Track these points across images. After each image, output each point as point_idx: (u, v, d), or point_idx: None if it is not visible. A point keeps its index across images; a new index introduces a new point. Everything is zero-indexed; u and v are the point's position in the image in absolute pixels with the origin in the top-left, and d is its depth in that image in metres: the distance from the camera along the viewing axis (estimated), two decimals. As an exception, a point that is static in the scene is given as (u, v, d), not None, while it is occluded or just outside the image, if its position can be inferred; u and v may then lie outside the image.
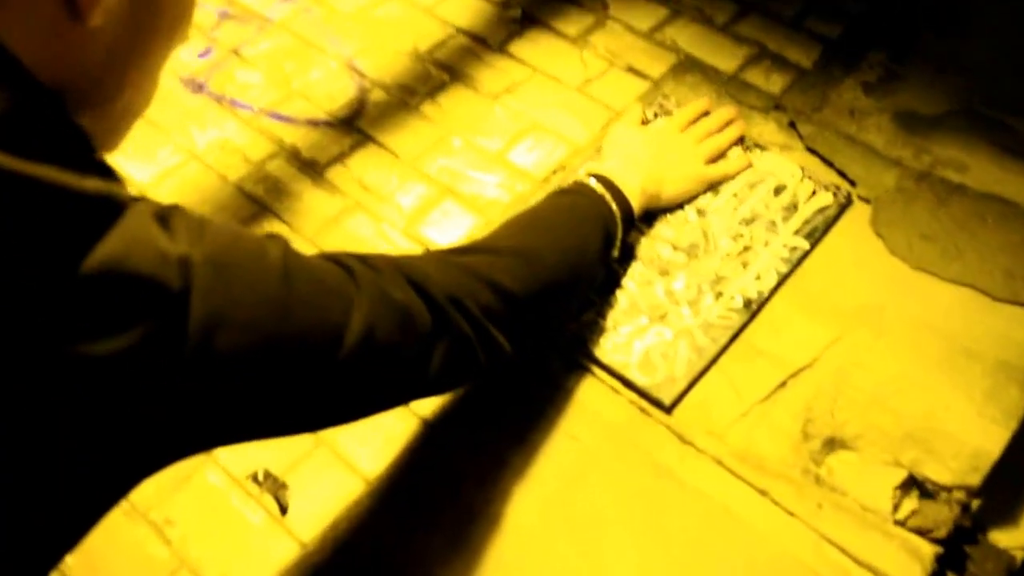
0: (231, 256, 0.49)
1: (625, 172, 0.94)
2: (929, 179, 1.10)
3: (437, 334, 0.63)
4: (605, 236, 0.87)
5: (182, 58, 1.26)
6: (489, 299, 0.69)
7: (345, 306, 0.56)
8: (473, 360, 0.68)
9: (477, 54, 1.26)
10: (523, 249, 0.76)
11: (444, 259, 0.71)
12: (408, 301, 0.62)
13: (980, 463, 0.87)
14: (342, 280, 0.58)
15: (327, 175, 1.10)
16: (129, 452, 0.46)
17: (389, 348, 0.59)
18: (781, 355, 0.94)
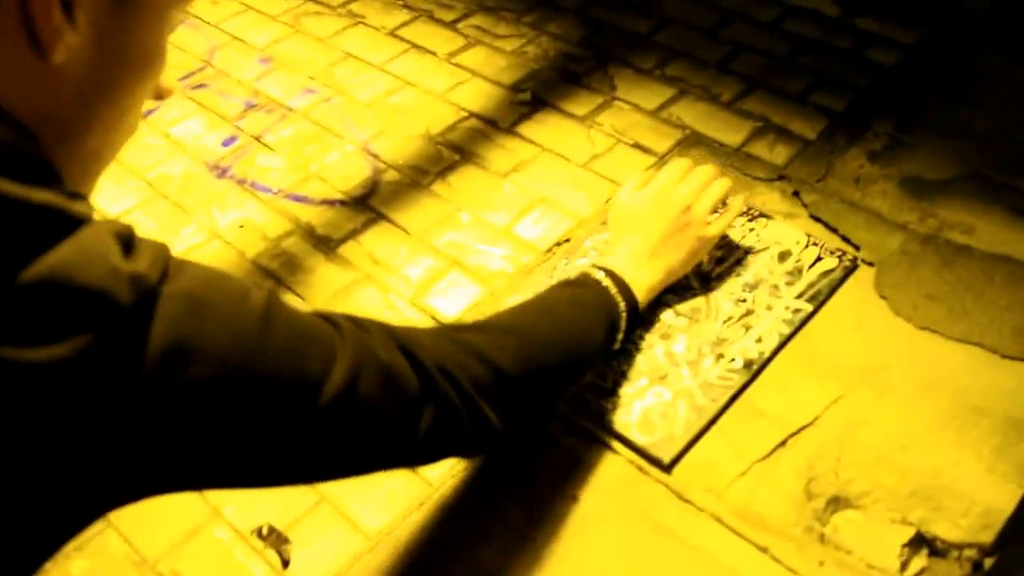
0: (208, 293, 0.49)
1: (633, 267, 0.96)
2: (935, 241, 1.13)
3: (424, 398, 0.63)
4: (608, 330, 0.89)
5: (208, 145, 1.37)
6: (480, 373, 0.69)
7: (327, 357, 0.56)
8: (461, 430, 0.68)
9: (487, 135, 1.34)
10: (519, 329, 0.78)
11: (438, 332, 0.72)
12: (395, 363, 0.62)
13: (992, 520, 0.87)
14: (327, 333, 0.58)
15: (339, 250, 1.17)
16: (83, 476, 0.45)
17: (372, 406, 0.59)
18: (782, 415, 0.96)
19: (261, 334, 0.51)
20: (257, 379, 0.51)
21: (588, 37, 1.53)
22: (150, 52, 0.51)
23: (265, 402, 0.52)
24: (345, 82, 1.47)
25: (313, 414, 0.55)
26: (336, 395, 0.55)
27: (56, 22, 0.44)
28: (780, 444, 0.94)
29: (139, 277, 0.44)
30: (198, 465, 0.51)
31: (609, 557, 0.85)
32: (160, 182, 1.31)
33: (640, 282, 0.95)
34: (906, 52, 1.46)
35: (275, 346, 0.52)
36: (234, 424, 0.51)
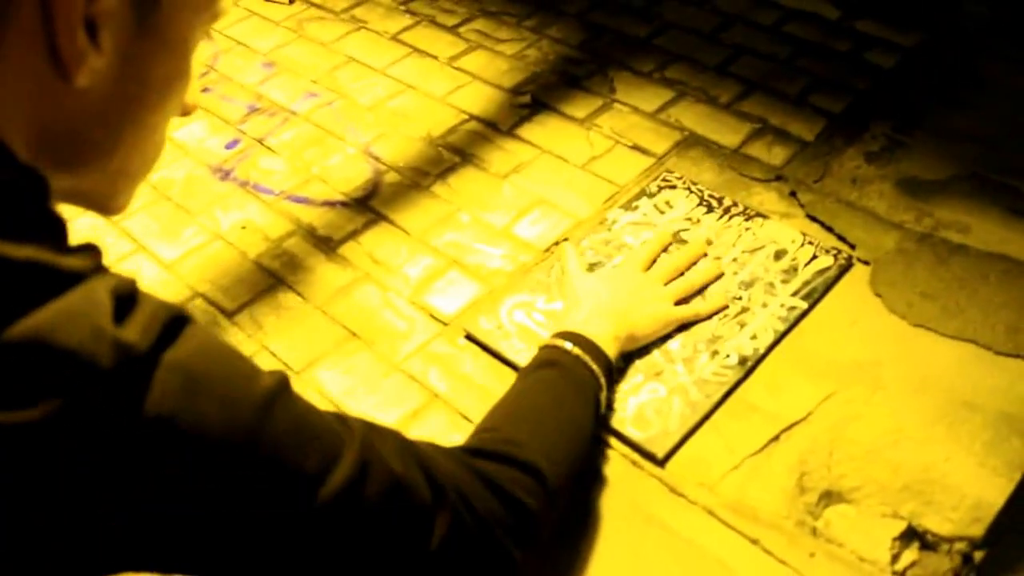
0: (210, 369, 0.48)
1: (594, 323, 0.94)
2: (930, 240, 1.15)
3: (436, 511, 0.61)
4: (594, 402, 0.88)
5: (211, 148, 1.40)
6: (498, 509, 0.67)
7: (329, 456, 0.54)
8: (476, 554, 0.65)
9: (487, 137, 1.37)
10: (535, 461, 0.73)
11: (452, 455, 0.68)
12: (407, 474, 0.60)
13: (982, 514, 0.89)
14: (334, 432, 0.56)
15: (340, 250, 1.20)
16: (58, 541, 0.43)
17: (377, 512, 0.57)
18: (775, 411, 0.98)
19: (259, 422, 0.50)
20: (247, 469, 0.49)
21: (588, 41, 1.56)
22: (174, 72, 0.51)
23: (254, 495, 0.50)
24: (347, 86, 1.51)
25: (307, 513, 0.52)
26: (335, 496, 0.53)
27: (80, 45, 0.44)
28: (773, 439, 0.96)
29: (125, 343, 0.43)
30: (180, 548, 0.49)
31: (601, 549, 0.88)
32: (164, 185, 1.34)
33: (605, 336, 0.93)
34: (904, 55, 1.48)
35: (272, 437, 0.50)
36: (217, 513, 0.49)
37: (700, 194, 1.23)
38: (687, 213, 1.20)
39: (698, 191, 1.23)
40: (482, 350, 1.05)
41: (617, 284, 1.03)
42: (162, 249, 1.24)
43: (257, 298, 1.15)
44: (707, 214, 1.20)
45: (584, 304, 0.98)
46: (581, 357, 0.89)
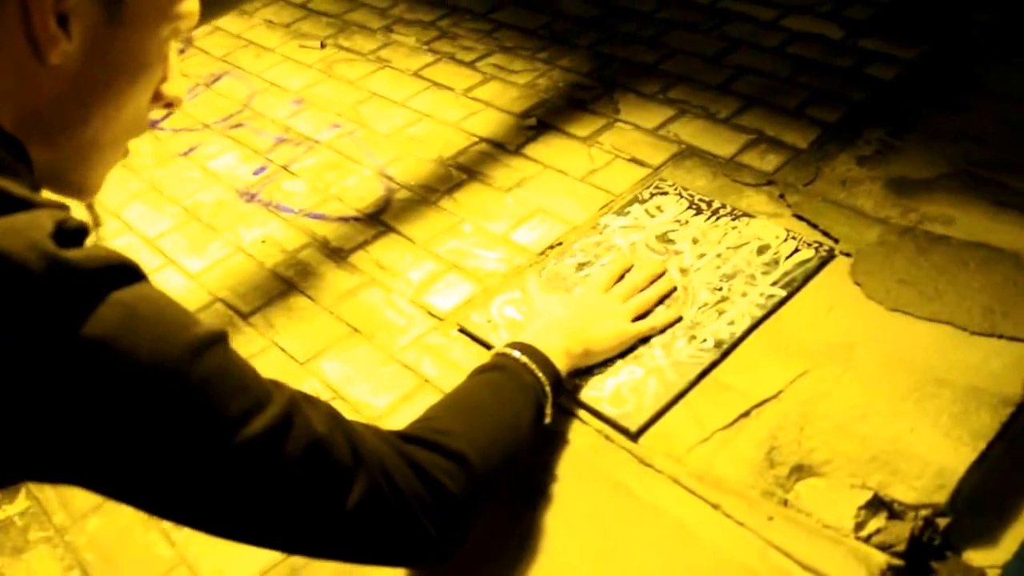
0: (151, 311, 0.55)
1: (546, 336, 0.98)
2: (912, 232, 1.20)
3: (354, 475, 0.65)
4: (536, 407, 0.90)
5: (240, 175, 1.53)
6: (419, 489, 0.70)
7: (253, 406, 0.59)
8: (394, 524, 0.68)
9: (495, 157, 1.47)
10: (463, 450, 0.76)
11: (383, 436, 0.72)
12: (330, 437, 0.64)
13: (945, 481, 0.92)
14: (264, 388, 0.61)
15: (349, 259, 1.31)
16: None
17: (293, 467, 0.61)
18: (747, 390, 1.03)
19: (189, 361, 0.55)
20: (170, 400, 0.54)
21: (597, 69, 1.66)
22: (141, 60, 0.60)
23: (174, 426, 0.55)
24: (368, 117, 1.63)
25: (223, 452, 0.57)
26: (250, 442, 0.58)
27: (52, 31, 0.54)
28: (743, 415, 1.01)
29: (61, 258, 0.50)
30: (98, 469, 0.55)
31: (569, 513, 0.94)
32: (194, 208, 1.48)
33: (556, 349, 0.97)
34: (905, 67, 1.54)
35: (199, 375, 0.56)
36: (137, 439, 0.54)
37: (690, 199, 1.30)
38: (676, 216, 1.27)
39: (688, 196, 1.30)
40: (472, 340, 1.13)
41: (574, 303, 1.10)
42: (189, 262, 1.36)
43: (271, 302, 1.26)
44: (695, 216, 1.27)
45: (539, 320, 1.06)
46: (528, 365, 0.93)
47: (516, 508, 0.94)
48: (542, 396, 0.92)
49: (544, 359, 0.95)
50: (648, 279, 1.15)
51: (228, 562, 0.93)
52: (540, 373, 0.93)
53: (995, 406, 0.97)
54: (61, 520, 1.01)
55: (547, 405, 0.93)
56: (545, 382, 0.93)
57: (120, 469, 0.55)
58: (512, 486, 0.95)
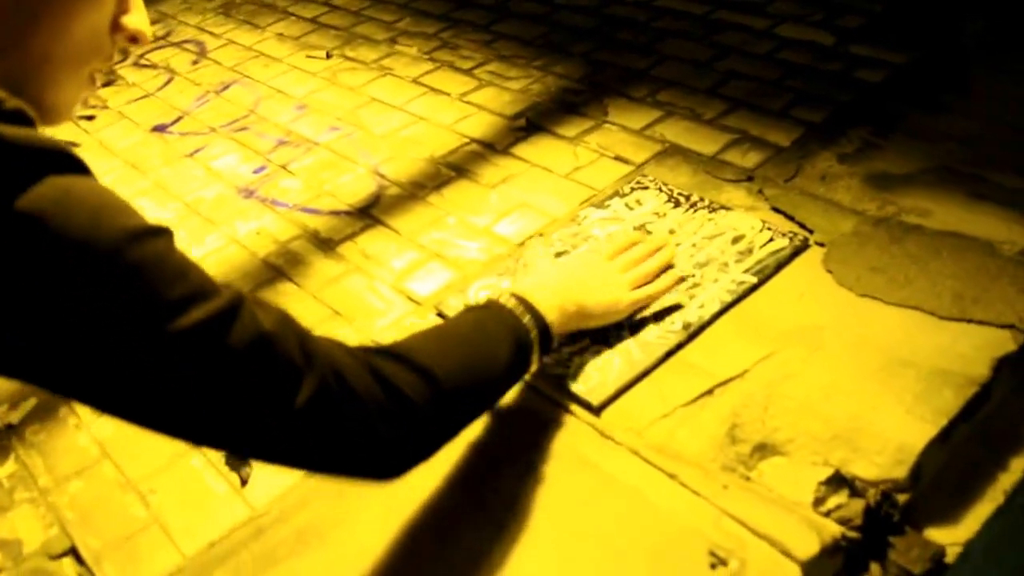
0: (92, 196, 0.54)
1: (540, 290, 0.96)
2: (887, 223, 1.20)
3: (302, 373, 0.63)
4: (516, 349, 0.88)
5: (241, 174, 1.57)
6: (373, 387, 0.69)
7: (194, 296, 0.57)
8: (341, 422, 0.66)
9: (484, 156, 1.49)
10: (430, 365, 0.75)
11: (345, 346, 0.70)
12: (279, 335, 0.61)
13: (905, 456, 0.91)
14: (210, 283, 0.59)
15: (337, 249, 1.33)
16: None
17: (235, 359, 0.59)
18: (713, 369, 1.03)
19: (128, 240, 0.54)
20: (106, 274, 0.53)
21: (589, 75, 1.68)
22: None
23: (108, 301, 0.53)
24: (367, 120, 1.66)
25: (156, 340, 0.55)
26: (188, 330, 0.56)
27: None
28: (706, 392, 1.01)
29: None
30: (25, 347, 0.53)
31: (528, 481, 0.94)
32: (196, 203, 1.51)
33: (547, 302, 0.95)
34: (894, 71, 1.54)
35: (136, 258, 0.54)
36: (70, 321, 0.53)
37: (669, 192, 1.30)
38: (655, 209, 1.28)
39: (668, 190, 1.31)
40: (447, 322, 1.15)
41: (573, 265, 1.09)
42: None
43: (258, 288, 1.28)
44: (674, 208, 1.27)
45: (535, 276, 1.06)
46: (514, 310, 0.93)
47: (478, 478, 0.94)
48: (525, 339, 0.90)
49: (532, 307, 0.93)
50: (650, 252, 1.14)
51: (197, 521, 0.95)
52: (526, 318, 0.91)
53: (960, 385, 0.96)
54: (45, 482, 1.03)
55: (532, 352, 0.91)
56: (531, 327, 0.91)
57: (54, 355, 0.54)
58: (478, 457, 0.96)
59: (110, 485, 1.00)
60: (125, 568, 0.90)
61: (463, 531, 0.90)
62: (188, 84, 1.95)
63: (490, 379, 0.86)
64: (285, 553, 0.90)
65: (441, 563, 0.86)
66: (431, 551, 0.88)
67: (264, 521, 0.94)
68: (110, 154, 1.73)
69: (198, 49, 2.12)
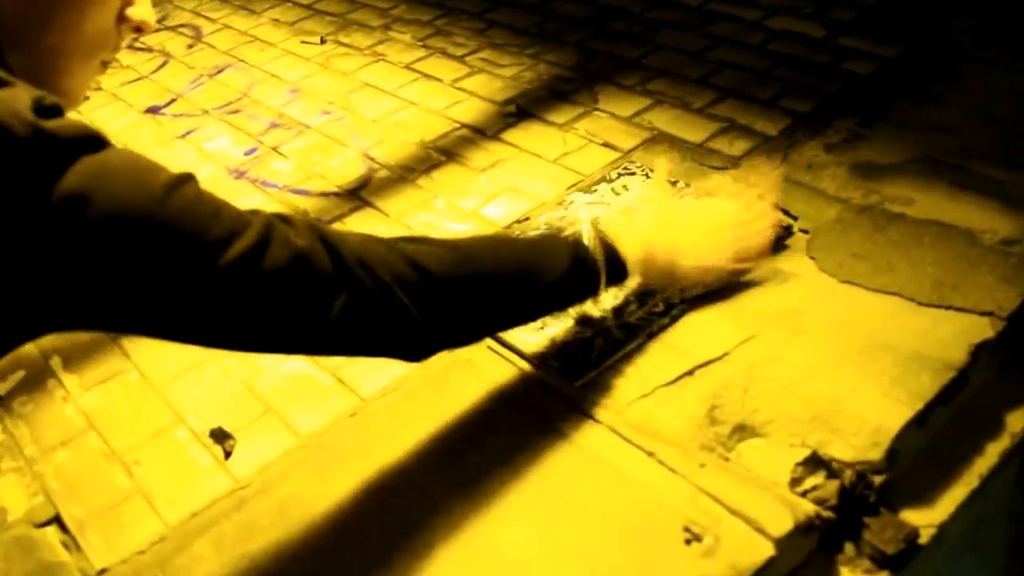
0: (121, 163, 0.59)
1: (626, 228, 0.95)
2: (871, 211, 1.20)
3: (337, 282, 0.69)
4: (575, 266, 0.88)
5: (232, 155, 1.57)
6: (402, 270, 0.74)
7: (232, 230, 0.63)
8: (377, 317, 0.73)
9: (474, 140, 1.49)
10: (460, 246, 0.81)
11: (372, 237, 0.77)
12: (310, 249, 0.68)
13: (880, 439, 0.92)
14: (241, 214, 0.65)
15: (325, 230, 1.33)
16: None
17: (277, 278, 0.66)
18: (693, 350, 1.03)
19: (165, 195, 0.60)
20: (153, 231, 0.59)
21: (582, 63, 1.68)
22: None
23: (159, 253, 0.60)
24: (358, 105, 1.66)
25: (209, 274, 0.62)
26: (235, 260, 0.63)
27: None
28: (687, 373, 1.01)
29: (41, 126, 0.55)
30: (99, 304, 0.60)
31: (506, 457, 0.94)
32: (187, 184, 1.51)
33: (628, 242, 0.93)
34: (883, 63, 1.54)
35: (176, 207, 0.60)
36: (128, 269, 0.59)
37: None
38: (640, 194, 1.28)
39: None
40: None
41: (695, 215, 1.05)
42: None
43: (246, 267, 1.28)
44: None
45: (638, 214, 1.02)
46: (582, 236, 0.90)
47: (457, 452, 0.95)
48: (591, 262, 0.90)
49: (606, 239, 0.92)
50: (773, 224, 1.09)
51: (180, 492, 0.95)
52: (597, 248, 0.90)
53: (937, 370, 0.96)
54: (31, 452, 1.03)
55: (599, 277, 0.90)
56: (600, 258, 0.90)
57: (120, 305, 0.61)
58: (456, 433, 0.96)
59: (95, 456, 1.00)
60: (108, 536, 0.91)
61: (441, 504, 0.90)
62: (183, 67, 1.95)
63: (533, 280, 0.86)
64: (267, 524, 0.90)
65: (421, 535, 0.87)
66: (411, 523, 0.88)
67: (246, 492, 0.94)
68: (103, 135, 1.72)
69: (194, 33, 2.11)
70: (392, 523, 0.89)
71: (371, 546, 0.87)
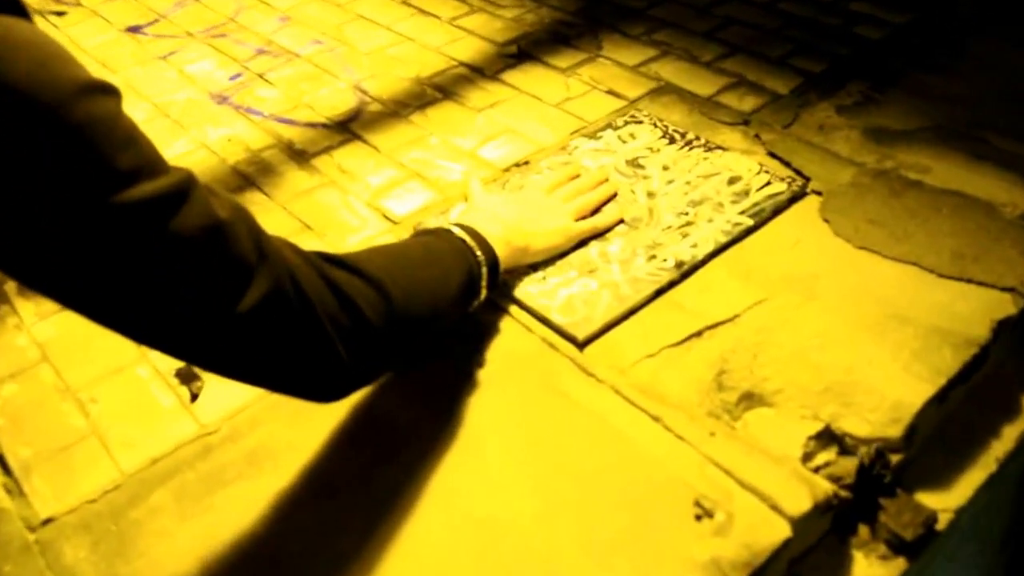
0: (29, 37, 0.45)
1: (487, 223, 0.88)
2: (886, 176, 1.09)
3: (255, 272, 0.54)
4: (467, 274, 0.80)
5: (216, 79, 1.41)
6: (336, 311, 0.61)
7: (142, 167, 0.48)
8: (295, 336, 0.58)
9: (472, 80, 1.35)
10: (384, 280, 0.67)
11: (301, 250, 0.62)
12: (232, 226, 0.53)
13: (900, 415, 0.82)
14: (160, 158, 0.51)
15: (312, 161, 1.19)
16: None
17: (183, 241, 0.50)
18: (702, 310, 0.92)
19: (73, 97, 0.45)
20: (44, 134, 0.44)
21: (586, 9, 1.54)
22: None
23: (44, 165, 0.44)
24: (351, 36, 1.51)
25: (101, 210, 0.46)
26: (136, 205, 0.47)
27: None
28: (695, 334, 0.90)
29: None
30: None
31: (506, 415, 0.83)
32: (165, 106, 1.35)
33: (495, 236, 0.86)
34: (894, 30, 1.43)
35: (83, 113, 0.46)
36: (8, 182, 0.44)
37: (664, 128, 1.19)
38: (648, 144, 1.16)
39: (663, 126, 1.19)
40: (424, 243, 1.02)
41: (516, 200, 0.99)
42: (151, 156, 1.24)
43: (225, 195, 1.14)
44: (668, 145, 1.15)
45: (483, 211, 0.94)
46: (464, 238, 0.83)
47: (448, 407, 0.83)
48: (475, 267, 0.82)
49: (482, 239, 0.84)
50: (593, 184, 1.06)
51: (140, 435, 0.82)
52: (476, 249, 0.83)
53: (958, 345, 0.87)
54: (-27, 385, 0.90)
55: (480, 281, 0.83)
56: (481, 258, 0.83)
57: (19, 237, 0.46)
58: (458, 390, 0.84)
59: (47, 391, 0.87)
60: (56, 481, 0.78)
61: (432, 463, 0.79)
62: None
63: (442, 303, 0.77)
64: (234, 475, 0.78)
65: (405, 494, 0.75)
66: (394, 482, 0.77)
67: (213, 439, 0.81)
68: (79, 51, 1.55)
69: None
70: (373, 480, 0.77)
71: (349, 503, 0.75)
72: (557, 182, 1.05)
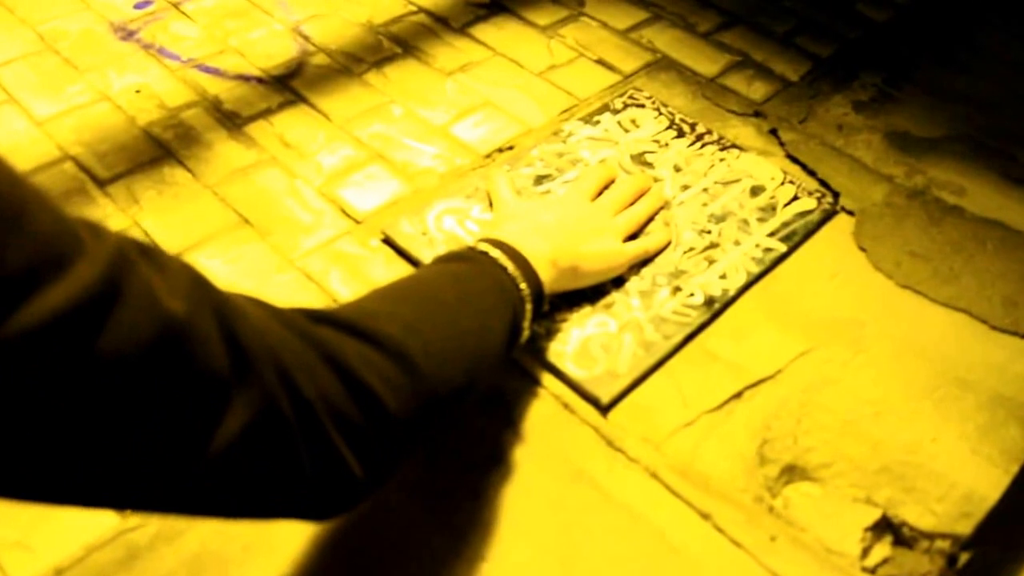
0: None
1: (529, 238, 0.69)
2: (922, 198, 0.95)
3: (234, 385, 0.37)
4: (511, 320, 0.62)
5: (116, 5, 1.12)
6: (342, 402, 0.42)
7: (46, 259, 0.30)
8: (292, 460, 0.40)
9: (436, 32, 1.12)
10: (407, 346, 0.48)
11: (287, 316, 0.43)
12: (192, 322, 0.35)
13: (972, 509, 0.70)
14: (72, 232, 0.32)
15: (247, 129, 0.95)
16: None
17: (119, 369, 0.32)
18: (741, 363, 0.77)
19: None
20: None
21: (562, -46, 1.32)
22: None
23: None
24: (286, -38, 1.24)
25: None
26: (39, 331, 0.29)
27: None
28: (735, 396, 0.75)
29: None
30: None
31: (519, 506, 0.65)
32: (52, 35, 1.06)
33: (541, 256, 0.68)
34: (898, 11, 1.28)
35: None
36: None
37: (671, 117, 1.00)
38: (655, 135, 0.98)
39: (669, 114, 1.01)
40: (399, 256, 0.82)
41: (561, 208, 0.78)
42: (36, 104, 0.96)
43: (138, 169, 0.89)
44: (677, 138, 0.98)
45: (520, 219, 0.74)
46: (506, 265, 0.64)
47: (449, 496, 0.65)
48: (519, 306, 0.63)
49: (525, 263, 0.66)
50: (636, 193, 0.86)
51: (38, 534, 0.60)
52: (520, 280, 0.64)
53: (1022, 419, 0.75)
54: None
55: (524, 319, 0.64)
56: (526, 291, 0.64)
57: None
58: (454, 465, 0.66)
59: None
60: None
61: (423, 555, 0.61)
62: None
63: (482, 364, 0.57)
64: None
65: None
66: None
67: (138, 537, 0.60)
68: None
69: None
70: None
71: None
72: (597, 185, 0.84)
